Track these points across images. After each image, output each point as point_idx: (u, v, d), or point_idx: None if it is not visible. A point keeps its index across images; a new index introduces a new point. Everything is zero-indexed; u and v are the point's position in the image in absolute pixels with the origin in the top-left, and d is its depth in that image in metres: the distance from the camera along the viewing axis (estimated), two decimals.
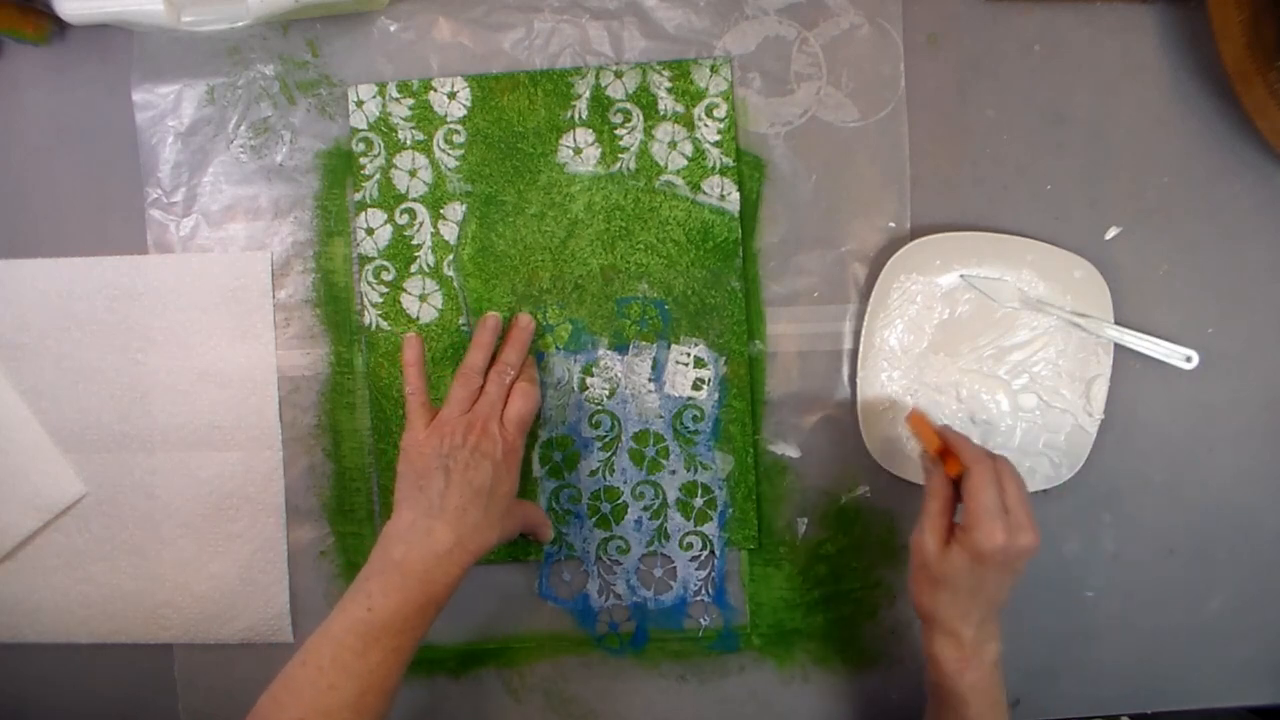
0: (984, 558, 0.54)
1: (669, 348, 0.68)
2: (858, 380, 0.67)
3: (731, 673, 0.69)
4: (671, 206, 0.68)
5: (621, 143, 0.68)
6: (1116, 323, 0.66)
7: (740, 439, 0.68)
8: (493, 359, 0.66)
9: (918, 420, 0.61)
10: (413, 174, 0.69)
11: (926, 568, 0.57)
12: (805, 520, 0.69)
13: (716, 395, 0.68)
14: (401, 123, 0.68)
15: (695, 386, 0.68)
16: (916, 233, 0.67)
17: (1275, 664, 0.69)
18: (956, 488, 0.58)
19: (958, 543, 0.56)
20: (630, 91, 0.68)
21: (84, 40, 0.69)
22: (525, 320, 0.67)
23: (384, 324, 0.69)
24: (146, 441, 0.70)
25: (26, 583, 0.71)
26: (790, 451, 0.68)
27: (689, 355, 0.68)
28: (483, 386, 0.64)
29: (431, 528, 0.58)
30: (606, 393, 0.68)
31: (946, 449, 0.58)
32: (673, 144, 0.68)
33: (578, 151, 0.68)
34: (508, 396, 0.64)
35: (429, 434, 0.61)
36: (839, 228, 0.68)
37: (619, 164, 0.68)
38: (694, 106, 0.68)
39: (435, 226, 0.69)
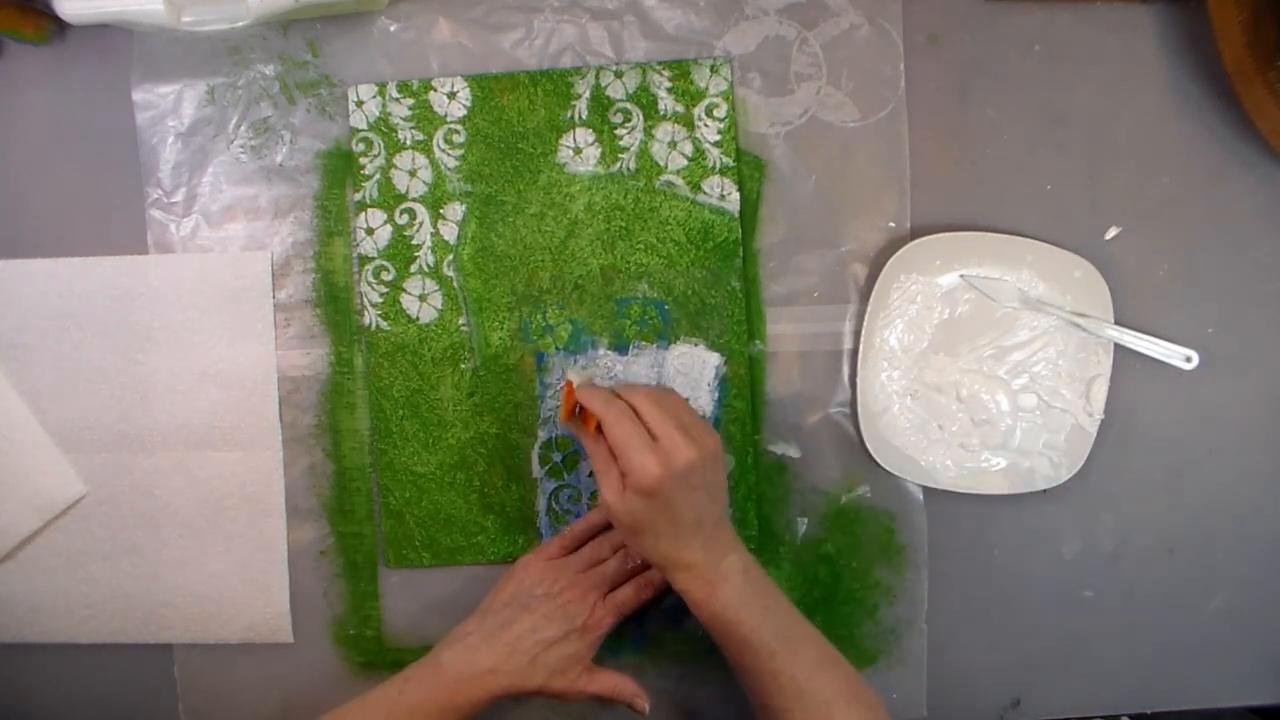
0: (652, 490, 0.55)
1: (669, 348, 0.68)
2: (858, 380, 0.67)
3: (731, 672, 0.69)
4: (671, 206, 0.68)
5: (621, 143, 0.68)
6: (1116, 323, 0.66)
7: (740, 439, 0.68)
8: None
9: (568, 391, 0.61)
10: (413, 174, 0.69)
11: (618, 520, 0.57)
12: (805, 520, 0.69)
13: (716, 395, 0.68)
14: (401, 123, 0.68)
15: (695, 388, 0.68)
16: (916, 233, 0.67)
17: (1275, 664, 0.69)
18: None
19: (627, 488, 0.56)
20: (630, 91, 0.68)
21: (84, 40, 0.69)
22: None
23: (384, 324, 0.69)
24: (146, 441, 0.70)
25: (26, 583, 0.71)
26: (790, 451, 0.68)
27: (689, 355, 0.68)
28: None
29: (478, 647, 0.61)
30: None
31: (581, 408, 0.59)
32: (673, 144, 0.68)
33: (578, 151, 0.68)
34: (628, 577, 0.65)
35: (543, 567, 0.64)
36: (839, 228, 0.68)
37: (619, 164, 0.68)
38: (694, 106, 0.68)
39: (435, 226, 0.69)
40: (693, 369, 0.68)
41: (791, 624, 0.58)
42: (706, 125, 0.68)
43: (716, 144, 0.68)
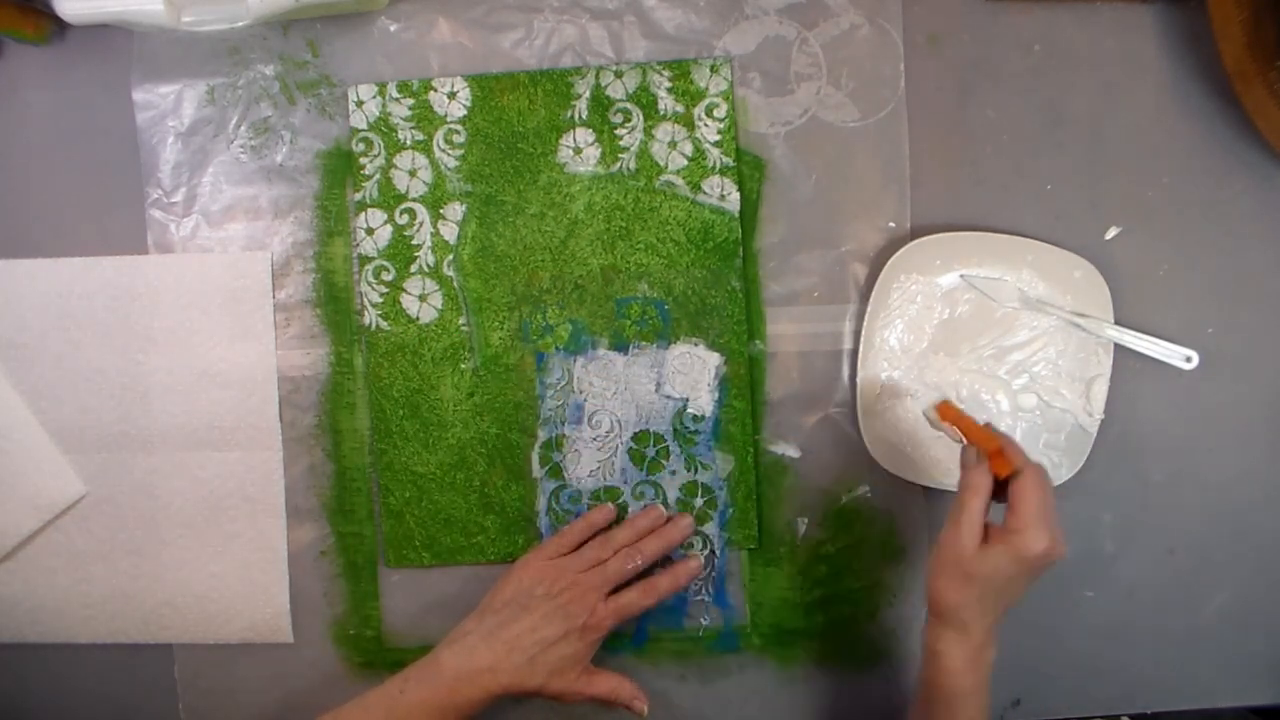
0: (1026, 562, 0.54)
1: (669, 348, 0.68)
2: (858, 380, 0.67)
3: (731, 673, 0.69)
4: (671, 206, 0.68)
5: (621, 143, 0.68)
6: (1116, 323, 0.66)
7: (740, 439, 0.68)
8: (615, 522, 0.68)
9: (954, 413, 0.60)
10: (413, 174, 0.69)
11: (960, 563, 0.56)
12: (805, 520, 0.69)
13: (716, 395, 0.68)
14: (401, 123, 0.68)
15: (695, 388, 0.68)
16: (916, 233, 0.67)
17: (1275, 664, 0.69)
18: (996, 486, 0.57)
19: (1000, 542, 0.55)
20: (630, 91, 0.68)
21: (84, 40, 0.69)
22: (686, 521, 0.67)
23: (384, 324, 0.69)
24: (146, 441, 0.70)
25: (26, 583, 0.71)
26: (790, 451, 0.68)
27: (689, 355, 0.68)
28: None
29: (477, 646, 0.61)
30: (607, 393, 0.68)
31: (998, 451, 0.57)
32: (673, 144, 0.68)
33: (578, 151, 0.68)
34: (630, 581, 0.65)
35: (543, 566, 0.64)
36: (839, 228, 0.68)
37: (619, 164, 0.68)
38: (694, 106, 0.68)
39: (435, 226, 0.69)
40: (693, 369, 0.68)
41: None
42: (706, 125, 0.68)
43: (716, 144, 0.68)
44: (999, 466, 0.57)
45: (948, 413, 0.61)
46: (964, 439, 0.59)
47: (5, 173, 0.71)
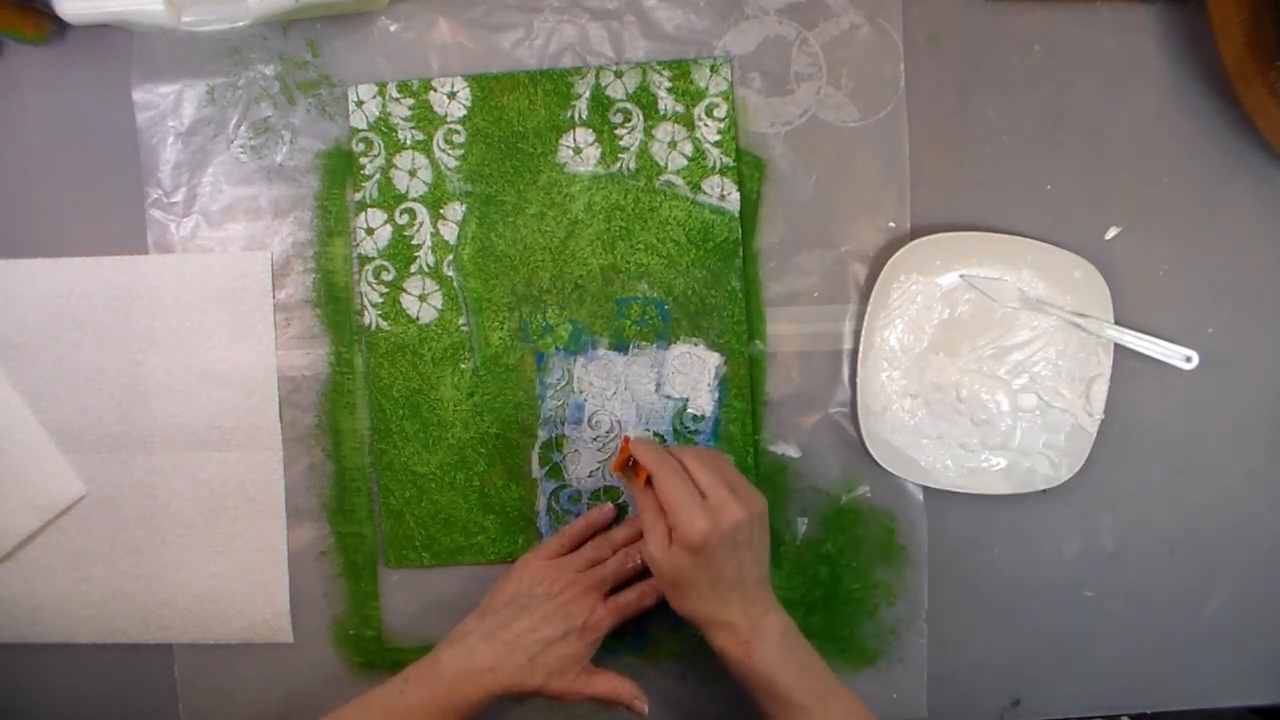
0: (699, 547, 0.56)
1: (669, 348, 0.68)
2: (858, 380, 0.67)
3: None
4: (671, 206, 0.68)
5: (621, 143, 0.68)
6: (1116, 323, 0.66)
7: (740, 439, 0.68)
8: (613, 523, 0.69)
9: (624, 444, 0.63)
10: (413, 174, 0.69)
11: (661, 575, 0.59)
12: (805, 520, 0.69)
13: (716, 395, 0.68)
14: (401, 123, 0.69)
15: (695, 388, 0.68)
16: (916, 233, 0.67)
17: (1275, 664, 0.69)
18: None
19: (673, 543, 0.57)
20: (630, 91, 0.68)
21: (84, 40, 0.69)
22: None
23: (384, 324, 0.69)
24: (146, 441, 0.70)
25: (26, 583, 0.71)
26: (790, 451, 0.68)
27: (689, 355, 0.68)
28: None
29: (477, 646, 0.61)
30: (607, 393, 0.68)
31: (634, 461, 0.60)
32: (673, 144, 0.68)
33: (578, 151, 0.68)
34: (629, 581, 0.65)
35: (542, 566, 0.64)
36: (839, 228, 0.68)
37: (619, 164, 0.68)
38: (694, 106, 0.68)
39: (435, 226, 0.69)
40: (693, 369, 0.68)
41: (825, 683, 0.59)
42: (706, 125, 0.68)
43: (716, 144, 0.68)
44: (639, 475, 0.60)
45: (622, 447, 0.63)
46: (613, 465, 0.63)
47: (5, 173, 0.71)
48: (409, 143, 0.69)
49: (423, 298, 0.69)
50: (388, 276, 0.69)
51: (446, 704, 0.60)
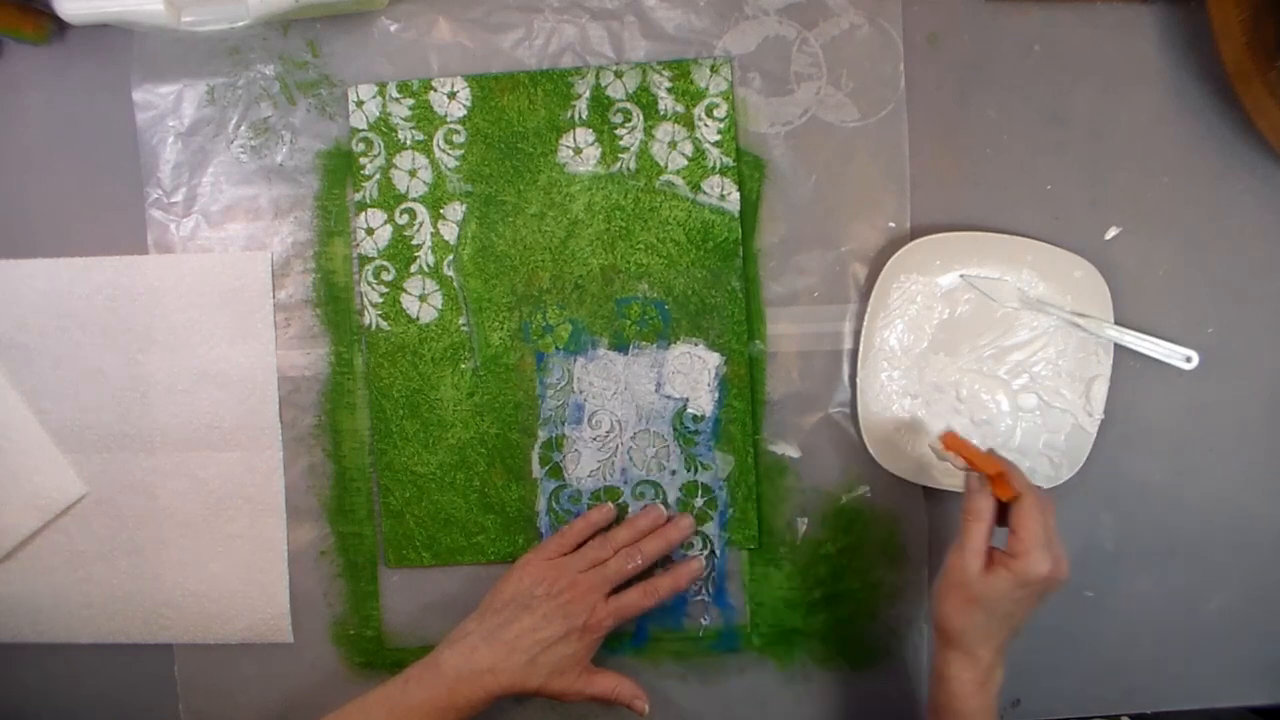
0: (1029, 584, 0.55)
1: (669, 348, 0.68)
2: (858, 380, 0.67)
3: (731, 673, 0.69)
4: (671, 206, 0.68)
5: (621, 143, 0.68)
6: (1116, 323, 0.66)
7: (740, 439, 0.68)
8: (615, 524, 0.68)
9: (957, 442, 0.61)
10: (413, 174, 0.69)
11: (965, 587, 0.57)
12: (805, 520, 0.69)
13: (716, 395, 0.68)
14: (401, 123, 0.69)
15: (695, 388, 0.68)
16: (916, 233, 0.67)
17: (1275, 664, 0.69)
18: (999, 510, 0.58)
19: (1003, 567, 0.56)
20: (630, 91, 0.68)
21: (84, 40, 0.69)
22: (686, 521, 0.67)
23: (384, 324, 0.69)
24: (146, 441, 0.70)
25: (26, 583, 0.71)
26: (790, 451, 0.68)
27: (689, 355, 0.68)
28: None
29: (478, 646, 0.61)
30: (607, 393, 0.68)
31: (999, 474, 0.58)
32: (673, 144, 0.68)
33: (578, 151, 0.68)
34: (630, 581, 0.65)
35: (543, 566, 0.64)
36: (839, 228, 0.68)
37: (619, 164, 0.68)
38: (694, 106, 0.68)
39: (435, 226, 0.69)
40: (693, 369, 0.68)
41: None
42: (706, 125, 0.68)
43: (716, 144, 0.68)
44: (1001, 491, 0.58)
45: (952, 442, 0.62)
46: (968, 466, 0.60)
47: (5, 173, 0.71)
48: (409, 143, 0.69)
49: (423, 298, 0.69)
50: (388, 276, 0.69)
51: (446, 704, 0.60)
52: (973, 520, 0.58)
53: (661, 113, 0.68)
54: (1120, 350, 0.67)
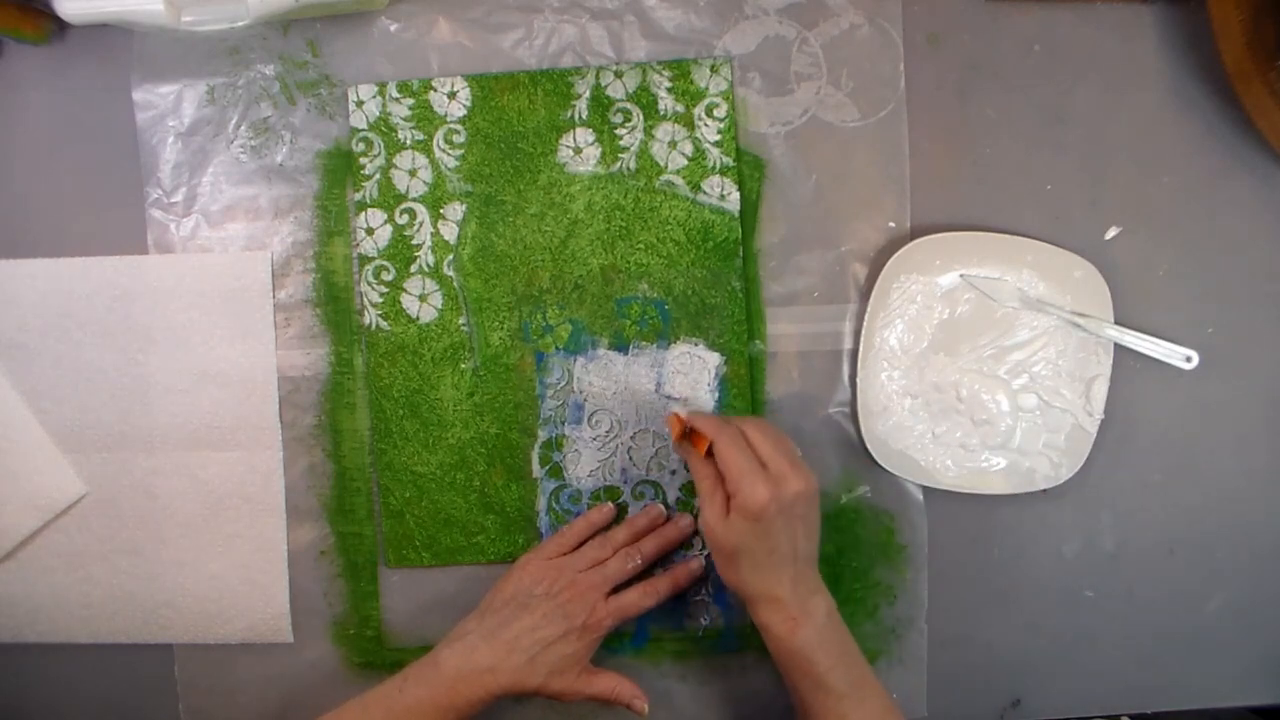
0: (758, 515, 0.56)
1: (669, 348, 0.68)
2: (858, 380, 0.67)
3: (731, 673, 0.69)
4: (671, 206, 0.68)
5: (621, 143, 0.68)
6: (1116, 323, 0.66)
7: None
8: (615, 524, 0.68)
9: (673, 420, 0.62)
10: (413, 174, 0.69)
11: (716, 544, 0.58)
12: None
13: (716, 395, 0.68)
14: (401, 123, 0.69)
15: (695, 388, 0.68)
16: (916, 233, 0.67)
17: (1275, 664, 0.69)
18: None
19: (731, 510, 0.57)
20: (630, 91, 0.68)
21: (84, 40, 0.69)
22: (685, 521, 0.68)
23: (384, 324, 0.69)
24: (146, 441, 0.70)
25: (26, 583, 0.71)
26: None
27: (689, 355, 0.68)
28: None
29: (477, 646, 0.61)
30: (607, 393, 0.68)
31: (691, 430, 0.60)
32: (673, 144, 0.68)
33: (578, 151, 0.68)
34: (630, 581, 0.65)
35: (542, 566, 0.64)
36: (839, 228, 0.68)
37: (619, 164, 0.68)
38: (694, 106, 0.68)
39: (435, 226, 0.69)
40: (693, 369, 0.68)
41: (862, 672, 0.59)
42: (706, 125, 0.68)
43: (716, 144, 0.68)
44: (699, 445, 0.59)
45: (671, 422, 0.63)
46: (673, 439, 0.62)
47: (5, 173, 0.71)
48: (409, 143, 0.69)
49: (423, 298, 0.69)
50: (388, 276, 0.69)
51: (446, 704, 0.60)
52: (697, 482, 0.60)
53: (661, 113, 0.68)
54: (1120, 350, 0.67)
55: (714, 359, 0.68)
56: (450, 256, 0.69)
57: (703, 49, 0.68)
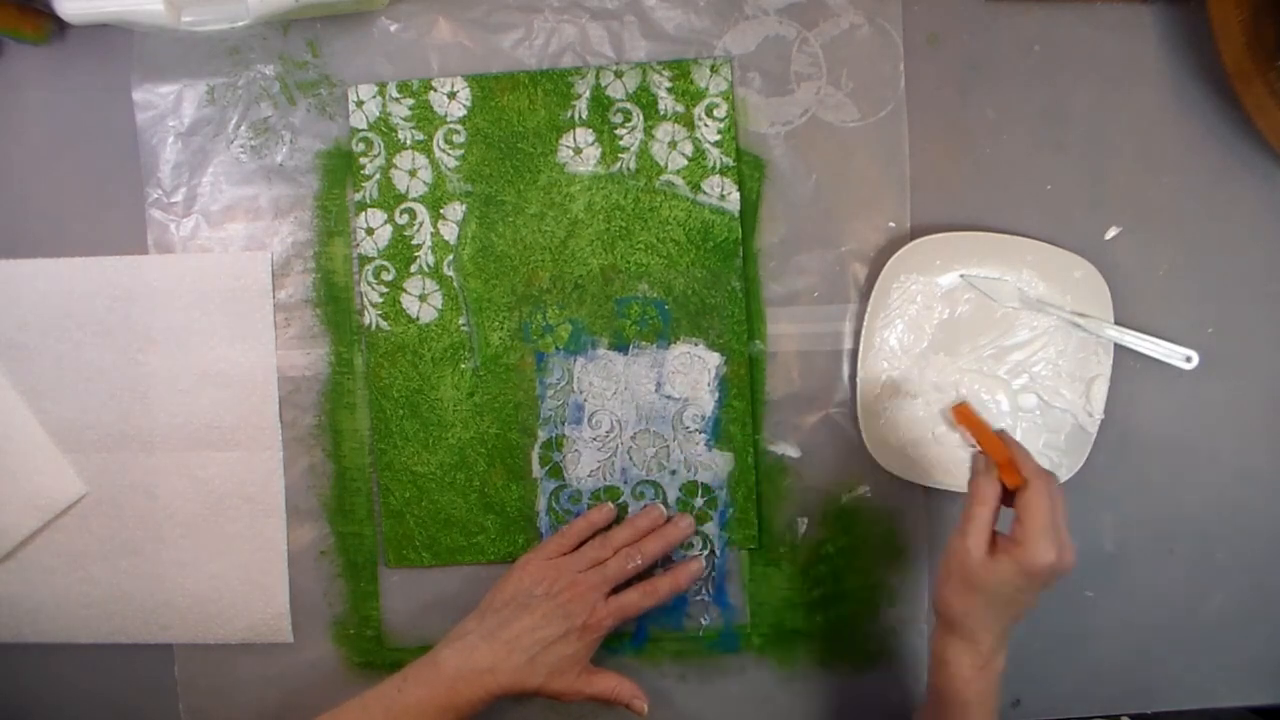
0: (1033, 573, 0.54)
1: (669, 348, 0.68)
2: (858, 380, 0.67)
3: (731, 673, 0.69)
4: (671, 206, 0.68)
5: (621, 143, 0.68)
6: (1116, 323, 0.66)
7: (740, 439, 0.68)
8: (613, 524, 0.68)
9: (969, 417, 0.60)
10: (413, 174, 0.69)
11: (966, 572, 0.56)
12: (805, 520, 0.69)
13: (717, 395, 0.68)
14: (401, 123, 0.69)
15: (695, 388, 0.68)
16: (916, 233, 0.67)
17: (1275, 664, 0.69)
18: (1005, 496, 0.57)
19: (1006, 554, 0.54)
20: (630, 91, 0.68)
21: (84, 40, 0.69)
22: (686, 521, 0.67)
23: (384, 324, 0.69)
24: (146, 441, 0.70)
25: (26, 583, 0.71)
26: (790, 451, 0.68)
27: (689, 357, 0.68)
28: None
29: (477, 645, 0.61)
30: (607, 393, 0.68)
31: (1006, 456, 0.57)
32: (673, 144, 0.68)
33: (578, 151, 0.68)
34: (630, 581, 0.65)
35: (543, 566, 0.64)
36: (839, 228, 0.68)
37: (619, 164, 0.68)
38: (694, 106, 0.68)
39: (435, 226, 0.69)
40: (693, 369, 0.68)
41: None
42: (706, 125, 0.68)
43: (716, 144, 0.68)
44: (1008, 476, 0.56)
45: (964, 416, 0.61)
46: (976, 445, 0.59)
47: (5, 173, 0.71)
48: (409, 143, 0.69)
49: (423, 298, 0.69)
50: (388, 276, 0.69)
51: (445, 703, 0.60)
52: (976, 504, 0.56)
53: (661, 113, 0.68)
54: (1120, 350, 0.67)
55: (714, 359, 0.68)
56: (450, 256, 0.69)
57: (703, 49, 0.68)
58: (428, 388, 0.69)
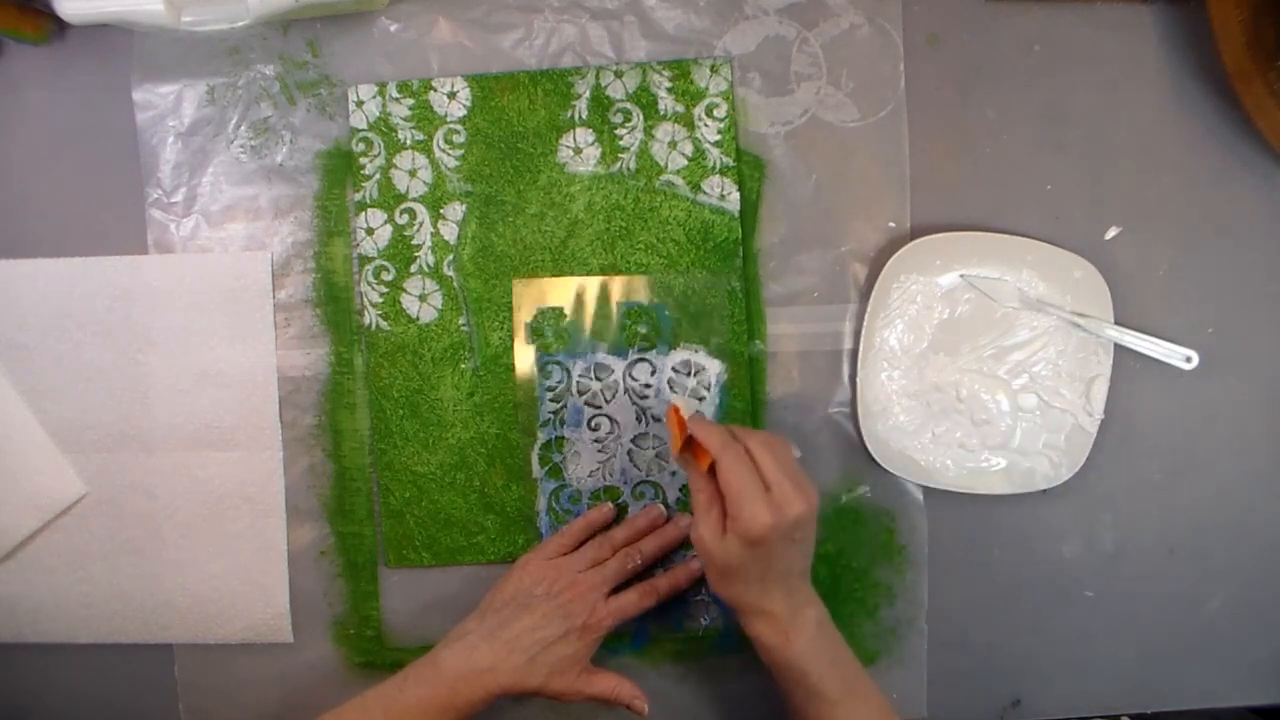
0: (757, 540, 0.55)
1: (669, 349, 0.68)
2: (858, 380, 0.67)
3: (731, 673, 0.69)
4: (671, 206, 0.68)
5: (621, 143, 0.68)
6: (1116, 323, 0.66)
7: None
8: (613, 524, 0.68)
9: (673, 416, 0.61)
10: (413, 174, 0.69)
11: (711, 559, 0.58)
12: None
13: (718, 400, 0.68)
14: (401, 123, 0.69)
15: (694, 392, 0.68)
16: (916, 233, 0.67)
17: (1275, 664, 0.69)
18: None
19: (729, 531, 0.56)
20: (630, 91, 0.68)
21: (84, 40, 0.69)
22: (685, 521, 0.67)
23: (384, 324, 0.69)
24: (146, 441, 0.70)
25: (26, 583, 0.71)
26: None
27: (688, 361, 0.68)
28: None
29: (477, 645, 0.61)
30: (606, 395, 0.68)
31: (694, 441, 0.58)
32: (673, 144, 0.68)
33: (578, 151, 0.68)
34: (630, 581, 0.65)
35: (543, 566, 0.64)
36: (839, 228, 0.68)
37: (619, 164, 0.68)
38: (694, 106, 0.68)
39: (435, 226, 0.69)
40: (692, 375, 0.68)
41: (856, 677, 0.59)
42: (706, 125, 0.68)
43: (716, 144, 0.68)
44: (700, 459, 0.58)
45: (671, 417, 0.61)
46: (672, 444, 0.61)
47: (5, 173, 0.71)
48: (409, 143, 0.69)
49: (423, 298, 0.69)
50: (388, 276, 0.69)
51: (446, 703, 0.60)
52: (693, 494, 0.59)
53: (661, 113, 0.68)
54: (1120, 350, 0.67)
55: (714, 366, 0.68)
56: (450, 256, 0.69)
57: (703, 49, 0.68)
58: (428, 388, 0.69)
